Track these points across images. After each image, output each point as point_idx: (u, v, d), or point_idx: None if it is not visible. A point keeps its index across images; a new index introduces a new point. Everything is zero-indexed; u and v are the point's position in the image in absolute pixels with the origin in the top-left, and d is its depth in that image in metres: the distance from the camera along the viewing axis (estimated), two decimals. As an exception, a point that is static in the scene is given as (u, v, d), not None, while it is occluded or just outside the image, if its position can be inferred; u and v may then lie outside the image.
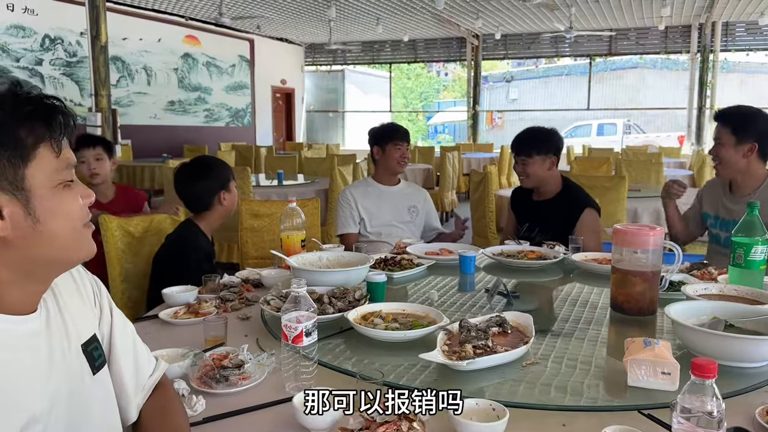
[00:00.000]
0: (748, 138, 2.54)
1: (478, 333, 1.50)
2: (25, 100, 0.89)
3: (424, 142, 20.86)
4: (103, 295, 1.13)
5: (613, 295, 1.83)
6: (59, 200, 0.91)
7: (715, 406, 0.90)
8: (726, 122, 2.60)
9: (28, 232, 0.88)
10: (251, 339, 1.66)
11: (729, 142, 2.57)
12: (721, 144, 2.60)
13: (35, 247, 0.90)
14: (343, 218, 3.23)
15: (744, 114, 2.60)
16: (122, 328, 1.14)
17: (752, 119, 2.57)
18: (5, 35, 9.22)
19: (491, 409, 1.16)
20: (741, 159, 2.56)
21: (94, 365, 1.03)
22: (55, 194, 0.91)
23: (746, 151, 2.55)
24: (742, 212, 2.48)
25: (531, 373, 1.41)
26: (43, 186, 0.89)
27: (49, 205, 0.90)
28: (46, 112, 0.90)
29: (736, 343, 1.38)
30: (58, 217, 0.91)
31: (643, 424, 1.14)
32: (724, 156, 2.60)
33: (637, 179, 6.44)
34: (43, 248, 0.90)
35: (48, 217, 0.90)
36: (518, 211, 3.15)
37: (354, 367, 1.46)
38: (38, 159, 0.88)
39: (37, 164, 0.88)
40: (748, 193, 2.60)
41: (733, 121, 2.58)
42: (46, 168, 0.89)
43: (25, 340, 0.92)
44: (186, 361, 1.39)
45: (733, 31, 13.38)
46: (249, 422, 1.21)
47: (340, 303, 1.76)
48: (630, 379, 1.31)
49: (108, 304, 1.13)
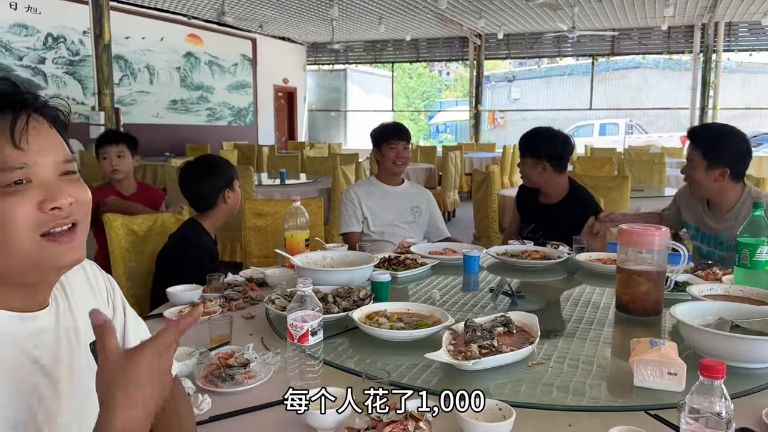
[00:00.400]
0: (720, 163, 2.41)
1: (483, 333, 1.50)
2: None
3: (426, 142, 20.85)
4: (116, 294, 1.12)
5: (618, 295, 1.83)
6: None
7: (723, 406, 0.89)
8: (697, 144, 2.47)
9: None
10: (256, 338, 1.66)
11: (700, 166, 2.44)
12: (692, 166, 2.48)
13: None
14: (346, 217, 3.22)
15: (715, 137, 2.46)
16: (135, 327, 1.13)
17: (724, 142, 2.44)
18: (8, 34, 9.22)
19: (497, 409, 1.15)
20: (713, 183, 2.44)
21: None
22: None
23: (717, 175, 2.42)
24: (724, 230, 2.46)
25: (536, 373, 1.41)
26: None
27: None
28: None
29: (742, 343, 1.38)
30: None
31: (649, 425, 1.14)
32: (695, 178, 2.48)
33: (639, 179, 6.43)
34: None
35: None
36: (523, 210, 3.14)
37: (357, 365, 1.46)
38: None
39: None
40: (725, 212, 2.49)
41: (704, 144, 2.45)
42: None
43: (32, 338, 0.91)
44: (192, 359, 1.39)
45: (736, 31, 13.36)
46: (255, 421, 1.21)
47: (344, 302, 1.76)
48: (636, 379, 1.31)
49: (121, 303, 1.12)
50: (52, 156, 0.87)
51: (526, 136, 2.99)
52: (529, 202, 3.08)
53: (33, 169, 0.85)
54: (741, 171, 2.46)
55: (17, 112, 0.84)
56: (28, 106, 0.86)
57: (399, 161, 3.20)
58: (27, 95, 0.87)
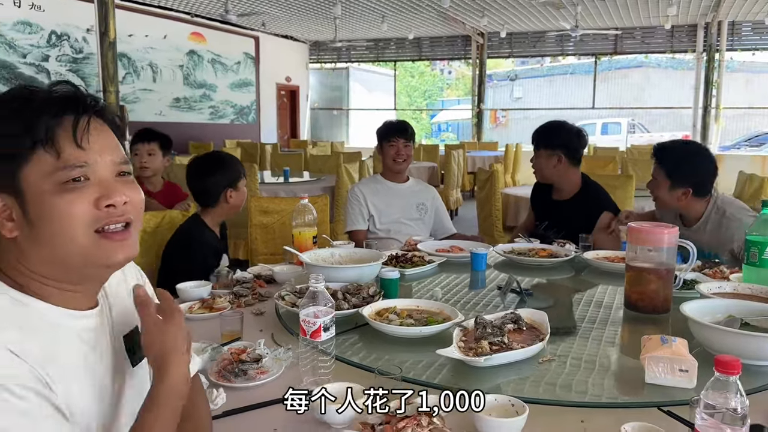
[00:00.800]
0: (684, 183, 2.42)
1: (493, 330, 1.51)
2: (20, 100, 0.87)
3: (428, 141, 20.86)
4: (147, 288, 1.14)
5: (627, 293, 1.83)
6: (55, 204, 0.85)
7: (739, 402, 0.90)
8: (662, 163, 2.48)
9: (30, 235, 0.86)
10: (266, 334, 1.66)
11: (664, 185, 2.46)
12: (656, 184, 2.51)
13: (39, 251, 0.87)
14: (352, 215, 3.22)
15: (680, 157, 2.47)
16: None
17: (689, 163, 2.44)
18: (12, 31, 9.23)
19: (510, 405, 1.16)
20: (676, 202, 2.47)
21: (133, 358, 1.04)
22: (52, 197, 0.85)
23: (680, 195, 2.44)
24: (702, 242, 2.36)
25: (547, 370, 1.41)
26: (37, 188, 0.85)
27: (43, 209, 0.85)
28: (46, 111, 0.86)
29: (752, 340, 1.38)
30: (53, 221, 0.86)
31: (662, 421, 1.14)
32: (659, 196, 2.52)
33: (643, 178, 6.40)
34: (46, 252, 0.87)
35: (42, 221, 0.86)
36: (538, 208, 3.14)
37: (364, 360, 1.47)
38: (35, 161, 0.85)
39: (33, 166, 0.85)
40: (694, 223, 2.50)
41: (668, 164, 2.46)
42: (42, 170, 0.85)
43: (81, 335, 0.92)
44: (204, 355, 1.40)
45: (740, 30, 13.33)
46: (268, 416, 1.21)
47: (354, 299, 1.77)
48: (648, 376, 1.31)
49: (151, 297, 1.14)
50: (110, 156, 0.91)
51: (539, 129, 3.00)
52: (543, 200, 3.09)
53: (92, 167, 0.88)
54: (706, 190, 2.46)
55: (79, 113, 0.88)
56: (90, 109, 0.90)
57: (399, 159, 3.20)
58: (89, 98, 0.91)
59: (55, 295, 0.90)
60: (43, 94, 0.88)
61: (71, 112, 0.87)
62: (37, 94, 0.88)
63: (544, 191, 3.10)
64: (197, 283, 2.01)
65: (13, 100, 0.87)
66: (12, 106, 0.86)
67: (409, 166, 3.32)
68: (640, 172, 6.57)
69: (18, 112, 0.86)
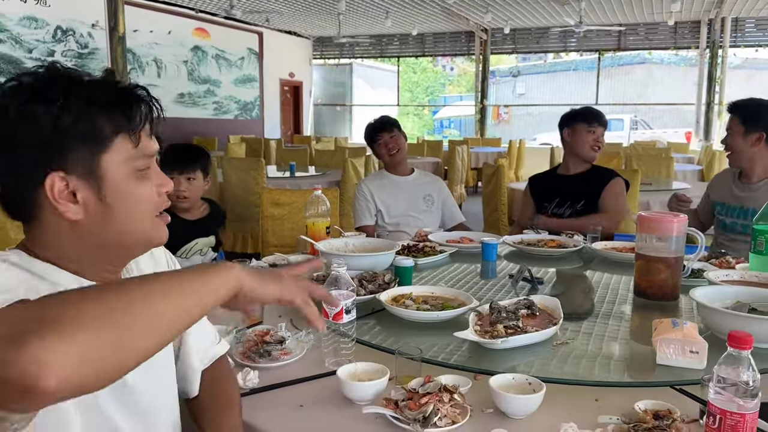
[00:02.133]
0: (757, 128, 2.64)
1: (508, 314, 1.55)
2: (108, 90, 0.92)
3: (431, 137, 20.89)
4: (176, 265, 1.19)
5: (637, 281, 1.88)
6: (131, 188, 0.94)
7: (751, 376, 0.94)
8: (737, 112, 2.71)
9: (98, 218, 0.92)
10: (285, 319, 1.70)
11: (738, 132, 2.68)
12: (731, 133, 2.71)
13: (105, 232, 0.93)
14: (359, 211, 3.27)
15: (755, 105, 2.70)
16: None
17: (762, 110, 2.67)
18: (18, 26, 9.27)
19: (527, 383, 1.20)
20: (750, 148, 2.66)
21: None
22: (128, 182, 0.93)
23: (754, 140, 2.65)
24: (749, 200, 2.63)
25: (562, 352, 1.46)
26: (116, 173, 0.92)
27: (120, 193, 0.92)
28: (127, 102, 0.92)
29: (761, 324, 1.42)
30: (129, 204, 0.94)
31: (674, 400, 1.18)
32: (734, 145, 2.71)
33: (647, 173, 6.46)
34: (112, 233, 0.93)
35: (118, 204, 0.92)
36: (543, 193, 3.18)
37: (383, 343, 1.51)
38: (115, 148, 0.91)
39: (113, 152, 0.91)
40: (756, 182, 2.71)
41: (743, 112, 2.69)
42: (121, 157, 0.92)
43: None
44: (230, 337, 1.44)
45: (743, 26, 13.33)
46: (293, 394, 1.26)
47: (370, 285, 1.81)
48: (659, 357, 1.35)
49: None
50: (156, 147, 1.00)
51: (599, 112, 3.19)
52: (547, 181, 3.21)
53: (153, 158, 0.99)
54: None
55: (152, 107, 0.96)
56: (152, 104, 0.97)
57: (391, 151, 3.25)
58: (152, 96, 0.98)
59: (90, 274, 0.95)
60: (123, 84, 0.94)
61: (145, 105, 0.94)
62: (121, 84, 0.94)
63: (544, 177, 3.28)
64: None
65: (95, 85, 0.91)
66: (100, 91, 0.91)
67: (414, 162, 3.38)
68: (644, 167, 6.60)
69: (107, 98, 0.91)
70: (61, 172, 0.88)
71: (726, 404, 0.95)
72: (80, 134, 0.88)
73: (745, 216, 2.66)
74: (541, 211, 3.10)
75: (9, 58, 9.15)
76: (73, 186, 0.89)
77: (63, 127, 0.86)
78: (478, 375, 1.31)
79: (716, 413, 0.96)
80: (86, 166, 0.90)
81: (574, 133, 3.09)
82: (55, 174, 0.88)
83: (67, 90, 0.87)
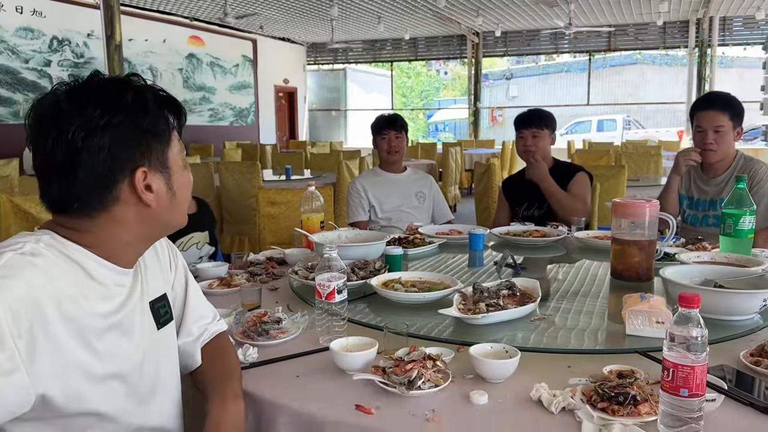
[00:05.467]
0: (739, 123, 2.68)
1: (490, 294, 1.66)
2: (162, 96, 1.07)
3: (425, 140, 21.02)
4: (178, 258, 1.31)
5: (613, 264, 1.98)
6: (186, 176, 1.13)
7: (699, 333, 1.04)
8: (723, 108, 2.67)
9: (167, 203, 1.07)
10: (282, 305, 1.81)
11: (729, 129, 2.66)
12: (723, 132, 2.66)
13: (168, 215, 1.09)
14: (353, 207, 3.37)
15: (735, 101, 2.71)
16: (193, 284, 1.35)
17: (740, 105, 2.71)
18: (14, 37, 9.38)
19: (504, 351, 1.31)
20: (732, 140, 2.69)
21: (159, 321, 1.18)
22: (183, 171, 1.12)
23: (735, 135, 2.69)
24: (714, 193, 2.69)
25: (539, 327, 1.56)
26: (176, 164, 1.09)
27: (180, 180, 1.10)
28: (175, 105, 1.10)
29: (724, 297, 1.53)
30: (185, 189, 1.13)
31: (641, 364, 1.29)
32: (725, 142, 2.67)
33: (636, 171, 6.59)
34: (173, 215, 1.11)
35: (179, 190, 1.10)
36: (514, 196, 3.28)
37: (373, 323, 1.61)
38: (172, 142, 1.08)
39: (172, 147, 1.08)
40: (719, 174, 2.73)
41: (730, 108, 2.67)
42: (176, 149, 1.09)
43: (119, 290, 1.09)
44: (230, 318, 1.55)
45: (731, 25, 13.52)
46: (290, 367, 1.36)
47: (362, 272, 1.92)
48: (628, 328, 1.46)
49: (183, 267, 1.32)
50: None
51: (537, 113, 3.21)
52: (518, 185, 3.29)
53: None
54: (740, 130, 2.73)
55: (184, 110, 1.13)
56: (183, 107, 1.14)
57: (393, 150, 3.35)
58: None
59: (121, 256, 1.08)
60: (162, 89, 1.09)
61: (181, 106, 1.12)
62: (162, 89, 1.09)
63: (515, 180, 3.37)
64: (215, 263, 2.16)
65: (155, 91, 1.06)
66: (159, 95, 1.06)
67: (408, 164, 3.48)
68: (633, 164, 6.73)
69: (165, 101, 1.07)
70: (144, 167, 1.02)
71: (678, 359, 1.05)
72: (156, 133, 1.04)
73: (715, 208, 2.70)
74: (515, 215, 3.20)
75: (6, 69, 9.26)
76: (150, 178, 1.04)
77: (145, 128, 1.02)
78: (461, 347, 1.41)
79: (670, 367, 1.06)
80: (160, 160, 1.05)
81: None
82: (140, 169, 1.02)
83: (140, 97, 1.02)
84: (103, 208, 1.02)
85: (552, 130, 3.16)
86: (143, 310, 1.14)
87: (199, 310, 1.33)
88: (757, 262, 1.84)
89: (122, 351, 1.06)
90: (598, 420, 1.07)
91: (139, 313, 1.12)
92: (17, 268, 0.92)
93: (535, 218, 3.00)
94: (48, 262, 0.96)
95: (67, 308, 0.96)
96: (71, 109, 0.97)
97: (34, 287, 0.92)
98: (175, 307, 1.27)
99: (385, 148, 3.35)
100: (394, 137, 3.34)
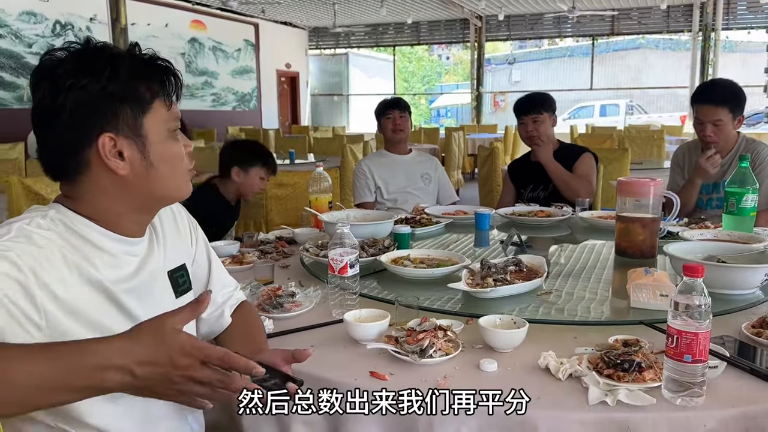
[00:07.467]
0: (739, 112, 2.66)
1: (497, 269, 1.70)
2: (142, 61, 1.05)
3: (428, 126, 20.99)
4: (198, 231, 1.34)
5: (618, 242, 2.02)
6: (169, 146, 1.08)
7: (702, 300, 1.08)
8: (722, 102, 2.64)
9: (142, 172, 1.05)
10: (294, 280, 1.85)
11: (728, 121, 2.64)
12: (721, 124, 2.63)
13: (148, 185, 1.07)
14: (359, 188, 3.41)
15: (736, 91, 2.67)
16: (215, 257, 1.39)
17: (742, 93, 2.69)
18: (18, 21, 9.37)
19: (512, 322, 1.35)
20: (734, 128, 2.69)
21: (177, 290, 1.21)
22: (166, 141, 1.07)
23: (736, 123, 2.68)
24: (716, 176, 2.68)
25: (546, 300, 1.61)
26: (156, 134, 1.05)
27: (160, 150, 1.06)
28: (160, 72, 1.06)
29: (726, 272, 1.57)
30: (168, 160, 1.08)
31: (646, 334, 1.33)
32: (723, 133, 2.66)
33: (639, 155, 6.60)
34: (154, 186, 1.07)
35: (159, 160, 1.06)
36: (520, 178, 3.31)
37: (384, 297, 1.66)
38: (153, 111, 1.05)
39: (152, 115, 1.05)
40: (722, 157, 2.69)
41: (729, 100, 2.64)
42: (159, 119, 1.06)
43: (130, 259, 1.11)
44: (246, 290, 1.59)
45: (735, 9, 13.44)
46: (305, 338, 1.41)
47: (372, 250, 1.96)
48: (633, 301, 1.50)
49: (203, 240, 1.35)
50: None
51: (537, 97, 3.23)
52: (524, 167, 3.30)
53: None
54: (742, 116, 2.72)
55: (177, 76, 1.09)
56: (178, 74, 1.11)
57: (398, 129, 3.40)
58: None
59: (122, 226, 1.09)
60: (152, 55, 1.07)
61: (172, 73, 1.09)
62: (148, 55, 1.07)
63: (521, 162, 3.38)
64: (227, 242, 2.21)
65: (135, 57, 1.05)
66: (139, 61, 1.05)
67: (411, 148, 3.53)
68: (637, 148, 6.75)
69: (146, 67, 1.05)
70: (110, 133, 1.02)
71: (682, 326, 1.10)
72: (126, 99, 1.02)
73: (719, 190, 2.71)
74: (520, 197, 3.24)
75: (10, 53, 9.26)
76: (120, 145, 1.03)
77: (111, 92, 1.00)
78: (470, 319, 1.46)
79: (674, 334, 1.10)
80: (132, 127, 1.03)
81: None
82: (106, 135, 1.01)
83: (113, 61, 1.01)
84: (77, 172, 1.04)
85: (552, 112, 3.17)
86: (160, 279, 1.17)
87: (222, 280, 1.37)
88: (758, 239, 1.88)
89: (139, 316, 1.10)
90: (604, 386, 1.12)
91: (156, 281, 1.15)
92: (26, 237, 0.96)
93: (540, 199, 3.05)
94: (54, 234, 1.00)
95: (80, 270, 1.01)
96: (46, 71, 1.01)
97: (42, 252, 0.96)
98: (200, 279, 1.31)
99: (390, 127, 3.39)
100: (399, 116, 3.39)
